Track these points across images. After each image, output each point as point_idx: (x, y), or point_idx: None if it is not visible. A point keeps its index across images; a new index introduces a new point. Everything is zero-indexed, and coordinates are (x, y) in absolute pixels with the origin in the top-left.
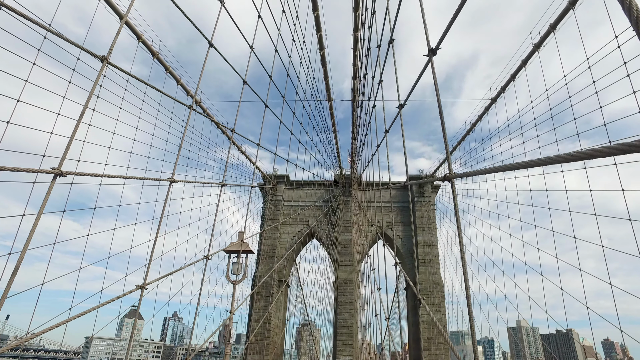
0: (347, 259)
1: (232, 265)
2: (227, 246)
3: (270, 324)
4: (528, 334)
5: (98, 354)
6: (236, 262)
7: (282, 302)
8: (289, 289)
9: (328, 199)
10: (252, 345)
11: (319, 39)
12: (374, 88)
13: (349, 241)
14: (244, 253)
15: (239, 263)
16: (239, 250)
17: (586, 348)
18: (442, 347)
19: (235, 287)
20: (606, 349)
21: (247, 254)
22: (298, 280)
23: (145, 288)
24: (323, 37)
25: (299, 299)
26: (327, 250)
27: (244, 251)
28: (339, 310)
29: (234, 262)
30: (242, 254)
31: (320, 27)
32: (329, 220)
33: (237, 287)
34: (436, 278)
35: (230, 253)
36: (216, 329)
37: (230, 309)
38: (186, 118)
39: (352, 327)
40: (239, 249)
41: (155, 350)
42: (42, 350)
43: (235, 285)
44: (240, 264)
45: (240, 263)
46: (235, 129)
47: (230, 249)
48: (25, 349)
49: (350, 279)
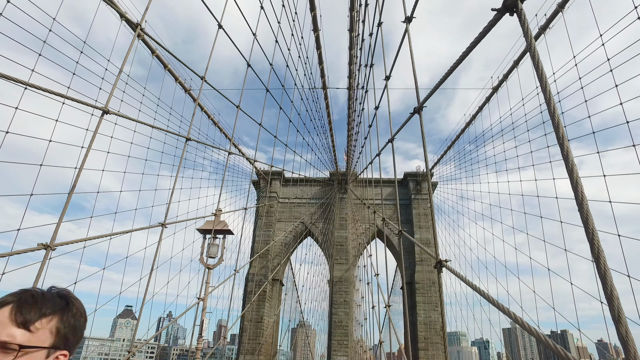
0: (342, 256)
1: (207, 247)
2: (203, 225)
3: (263, 324)
4: (523, 335)
5: (90, 355)
6: (212, 244)
7: (276, 302)
8: (283, 288)
9: (324, 196)
10: (244, 346)
11: (313, 18)
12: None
13: (345, 239)
14: (221, 233)
15: (215, 244)
16: (216, 230)
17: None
18: (439, 347)
19: (211, 273)
20: (600, 350)
21: (225, 234)
22: (293, 278)
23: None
24: (317, 17)
25: (293, 298)
26: (322, 248)
27: (221, 231)
28: (334, 309)
29: (209, 244)
30: (219, 235)
31: (314, 6)
32: (325, 218)
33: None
34: (434, 277)
35: (205, 233)
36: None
37: (205, 295)
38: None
39: (347, 327)
40: (215, 227)
41: (149, 351)
42: None
43: (211, 270)
44: (217, 246)
45: (217, 244)
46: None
47: (205, 228)
48: None
49: (346, 278)
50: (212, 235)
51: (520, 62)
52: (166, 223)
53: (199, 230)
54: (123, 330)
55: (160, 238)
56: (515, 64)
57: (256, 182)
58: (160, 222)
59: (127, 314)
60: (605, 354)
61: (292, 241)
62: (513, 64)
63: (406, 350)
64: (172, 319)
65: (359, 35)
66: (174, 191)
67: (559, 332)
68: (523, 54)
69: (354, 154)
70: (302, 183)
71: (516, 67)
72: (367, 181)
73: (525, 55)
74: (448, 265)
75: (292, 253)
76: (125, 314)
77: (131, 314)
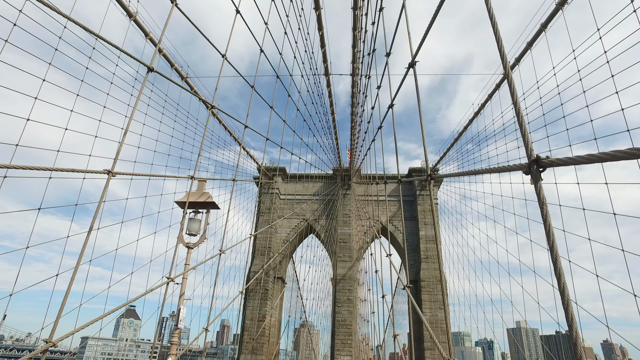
0: (346, 254)
1: (188, 223)
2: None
3: (265, 322)
4: (527, 335)
5: (94, 354)
6: (193, 219)
7: (278, 300)
8: (285, 286)
9: (326, 192)
10: (245, 345)
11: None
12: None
13: (348, 236)
14: (204, 207)
15: (196, 219)
16: (198, 203)
17: (586, 350)
18: (446, 347)
19: (190, 252)
20: (605, 351)
21: (209, 208)
22: (295, 276)
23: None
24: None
25: (296, 296)
26: (325, 246)
27: (205, 204)
28: (337, 308)
29: (190, 218)
30: (201, 209)
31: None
32: (327, 215)
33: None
34: (439, 275)
35: (186, 207)
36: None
37: (183, 278)
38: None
39: (351, 326)
40: (197, 199)
41: (153, 351)
42: None
43: (191, 249)
44: (199, 221)
45: (200, 219)
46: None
47: (184, 201)
48: (21, 349)
49: (350, 275)
50: (188, 209)
51: (521, 59)
52: None
53: (178, 203)
54: (126, 330)
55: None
56: (517, 60)
57: (258, 179)
58: None
59: (130, 314)
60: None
61: (295, 238)
62: (514, 61)
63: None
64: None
65: (363, 22)
66: None
67: (564, 332)
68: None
69: (356, 146)
70: (305, 179)
71: (518, 63)
72: (370, 177)
73: (523, 55)
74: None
75: (294, 250)
76: (128, 314)
77: (134, 314)
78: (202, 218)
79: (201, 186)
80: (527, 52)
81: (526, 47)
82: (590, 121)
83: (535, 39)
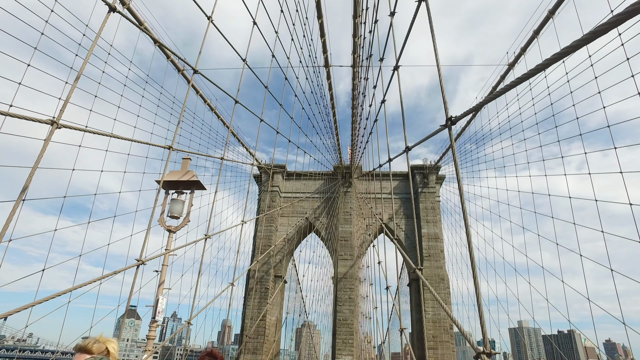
0: (347, 252)
1: (171, 204)
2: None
3: (265, 322)
4: (530, 335)
5: None
6: (176, 199)
7: (278, 299)
8: (286, 285)
9: (327, 190)
10: (246, 345)
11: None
12: None
13: (349, 234)
14: (187, 188)
15: (179, 200)
16: (181, 182)
17: (588, 349)
18: (449, 346)
19: (171, 237)
20: (608, 350)
21: (194, 188)
22: (296, 276)
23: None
24: None
25: (296, 295)
26: (326, 244)
27: (189, 183)
28: (338, 307)
29: (172, 199)
30: (184, 190)
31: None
32: (328, 213)
33: None
34: (442, 273)
35: (168, 189)
36: None
37: (162, 265)
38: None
39: (353, 325)
40: (182, 179)
41: (154, 351)
42: (38, 351)
43: (173, 232)
44: (182, 203)
45: (183, 201)
46: None
47: (167, 180)
48: (22, 349)
49: (351, 274)
50: (170, 189)
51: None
52: None
53: (159, 182)
54: (127, 330)
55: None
56: (511, 66)
57: (257, 177)
58: None
59: (131, 314)
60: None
61: (296, 237)
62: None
63: (412, 349)
64: (177, 319)
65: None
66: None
67: (566, 331)
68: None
69: (356, 141)
70: (305, 177)
71: (512, 68)
72: (372, 175)
73: (520, 57)
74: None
75: (295, 248)
76: (129, 314)
77: (135, 314)
78: (187, 199)
79: (185, 164)
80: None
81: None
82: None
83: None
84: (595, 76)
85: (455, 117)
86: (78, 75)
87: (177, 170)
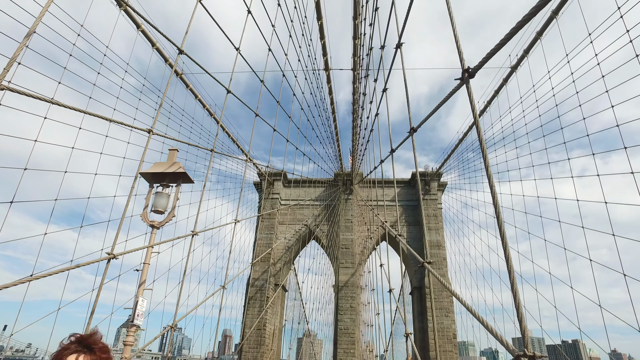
0: (348, 260)
1: (155, 198)
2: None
3: (265, 331)
4: (534, 345)
5: None
6: (161, 193)
7: (278, 308)
8: (286, 294)
9: (328, 197)
10: (245, 354)
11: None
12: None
13: (351, 241)
14: (173, 182)
15: (164, 194)
16: (166, 174)
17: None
18: (452, 355)
19: (154, 233)
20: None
21: (181, 182)
22: (297, 285)
23: (174, 329)
24: None
25: (296, 303)
26: (327, 252)
27: (175, 175)
28: (339, 315)
29: (157, 192)
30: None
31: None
32: (329, 220)
33: None
34: (444, 280)
35: (153, 182)
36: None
37: (144, 261)
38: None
39: (354, 334)
40: (167, 170)
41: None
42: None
43: (157, 228)
44: (167, 196)
45: (168, 194)
46: None
47: (152, 172)
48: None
49: (352, 282)
50: (155, 182)
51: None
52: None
53: (143, 174)
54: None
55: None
56: (513, 69)
57: (258, 184)
58: None
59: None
60: None
61: (296, 245)
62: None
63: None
64: (178, 329)
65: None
66: None
67: (570, 341)
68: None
69: (357, 146)
70: (306, 184)
71: (515, 71)
72: (373, 182)
73: (519, 64)
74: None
75: (295, 257)
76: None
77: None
78: (172, 192)
79: (172, 156)
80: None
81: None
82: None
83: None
84: (602, 75)
85: (474, 68)
86: (29, 32)
87: (163, 162)
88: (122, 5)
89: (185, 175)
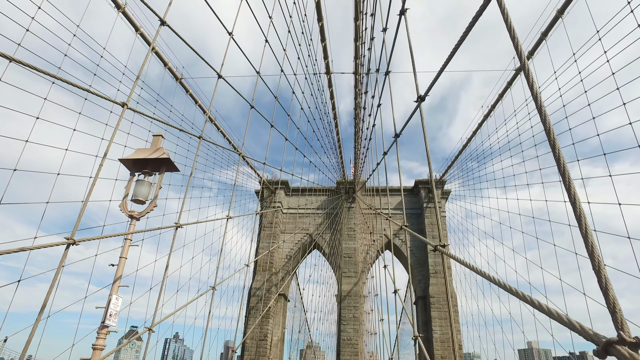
0: (351, 269)
1: (136, 186)
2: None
3: (267, 342)
4: (540, 356)
5: None
6: (142, 181)
7: (280, 318)
8: (288, 304)
9: (330, 205)
10: None
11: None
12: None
13: (354, 250)
14: (156, 169)
15: (146, 182)
16: (149, 160)
17: None
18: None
19: (133, 224)
20: None
21: (165, 169)
22: (300, 294)
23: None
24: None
25: (298, 313)
26: (329, 261)
27: (158, 160)
28: (342, 326)
29: (138, 181)
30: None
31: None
32: (332, 229)
33: None
34: (450, 289)
35: (134, 170)
36: None
37: (121, 254)
38: None
39: (357, 345)
40: (150, 156)
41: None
42: None
43: (136, 220)
44: (149, 185)
45: (152, 183)
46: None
47: (133, 158)
48: None
49: (355, 292)
50: (135, 170)
51: (512, 83)
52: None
53: (123, 161)
54: (128, 352)
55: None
56: (509, 84)
57: (259, 192)
58: None
59: (132, 335)
60: None
61: (298, 254)
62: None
63: None
64: (179, 340)
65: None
66: None
67: (578, 353)
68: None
69: (359, 152)
70: (308, 193)
71: (519, 73)
72: (375, 190)
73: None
74: None
75: (298, 266)
76: (130, 334)
77: (136, 335)
78: (156, 181)
79: (156, 141)
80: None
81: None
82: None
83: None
84: (612, 72)
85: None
86: None
87: (146, 148)
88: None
89: (170, 162)
